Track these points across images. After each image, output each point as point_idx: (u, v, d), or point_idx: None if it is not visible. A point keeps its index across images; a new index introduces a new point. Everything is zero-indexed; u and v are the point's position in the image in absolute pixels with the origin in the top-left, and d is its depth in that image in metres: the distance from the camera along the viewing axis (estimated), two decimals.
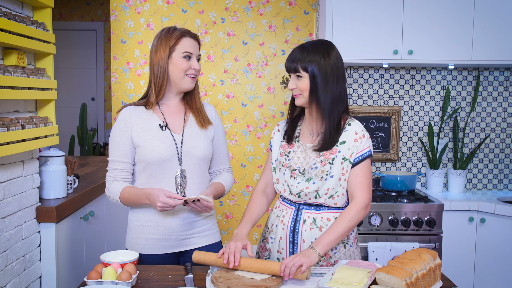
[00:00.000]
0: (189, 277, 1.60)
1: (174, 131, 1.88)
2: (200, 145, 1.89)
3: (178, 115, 1.92)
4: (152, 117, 1.87)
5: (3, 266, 1.83)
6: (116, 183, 1.86)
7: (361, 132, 1.79)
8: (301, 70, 1.74)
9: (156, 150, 1.82)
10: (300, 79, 1.75)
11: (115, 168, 1.86)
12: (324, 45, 1.78)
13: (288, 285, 1.56)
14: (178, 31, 1.85)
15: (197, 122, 1.92)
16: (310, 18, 4.00)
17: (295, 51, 1.78)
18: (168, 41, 1.83)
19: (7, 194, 1.87)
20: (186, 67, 1.84)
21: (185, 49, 1.84)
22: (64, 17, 6.20)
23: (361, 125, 1.82)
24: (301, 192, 1.79)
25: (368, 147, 1.79)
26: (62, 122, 5.41)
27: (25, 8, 2.00)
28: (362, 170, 1.77)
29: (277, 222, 1.87)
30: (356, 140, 1.77)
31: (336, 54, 1.78)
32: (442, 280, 1.60)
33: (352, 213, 1.73)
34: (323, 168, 1.76)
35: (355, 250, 1.85)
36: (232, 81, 4.04)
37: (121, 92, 4.01)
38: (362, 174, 1.77)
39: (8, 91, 1.76)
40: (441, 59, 3.01)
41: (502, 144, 3.34)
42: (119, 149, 1.85)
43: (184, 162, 1.86)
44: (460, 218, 2.90)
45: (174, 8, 3.95)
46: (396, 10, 2.98)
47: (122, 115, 1.87)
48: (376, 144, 3.34)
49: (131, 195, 1.81)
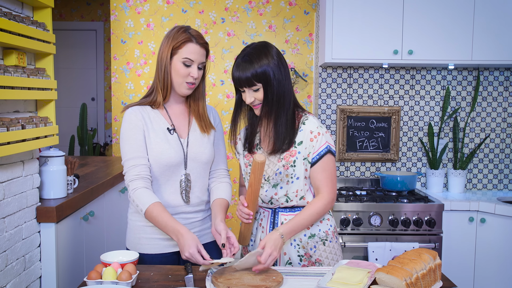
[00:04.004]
0: (189, 277, 1.60)
1: (181, 135, 1.86)
2: (204, 150, 1.88)
3: (182, 119, 1.89)
4: (160, 118, 1.84)
5: (3, 266, 1.83)
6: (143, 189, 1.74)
7: (316, 130, 1.77)
8: (255, 82, 1.71)
9: (166, 154, 1.79)
10: (257, 91, 1.73)
11: (137, 165, 1.76)
12: (263, 47, 1.76)
13: (288, 285, 1.56)
14: (185, 35, 1.78)
15: (199, 127, 1.89)
16: (310, 18, 4.00)
17: (240, 63, 1.73)
18: (173, 42, 1.78)
19: (7, 194, 1.87)
20: (184, 73, 1.79)
21: (187, 55, 1.78)
22: (64, 17, 6.20)
23: (316, 122, 1.80)
24: (271, 199, 1.82)
25: (324, 144, 1.77)
26: (62, 122, 5.41)
27: (25, 8, 2.00)
28: (322, 166, 1.77)
29: (256, 225, 1.91)
30: (311, 139, 1.77)
31: (276, 51, 1.76)
32: (442, 280, 1.60)
33: (320, 206, 1.76)
34: (286, 172, 1.78)
35: (335, 244, 1.86)
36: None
37: (121, 92, 4.01)
38: (323, 170, 1.77)
39: (8, 91, 1.76)
40: (441, 59, 3.01)
41: (502, 144, 3.34)
42: (137, 145, 1.77)
43: (190, 167, 1.85)
44: (460, 218, 2.90)
45: (174, 8, 3.95)
46: (396, 10, 2.98)
47: (131, 114, 1.80)
48: (376, 144, 3.34)
49: (160, 220, 1.71)
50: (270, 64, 1.71)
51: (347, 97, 3.36)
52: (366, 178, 3.37)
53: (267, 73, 1.70)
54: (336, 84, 3.36)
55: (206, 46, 1.83)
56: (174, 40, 1.78)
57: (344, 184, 3.36)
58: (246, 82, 1.72)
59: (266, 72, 1.70)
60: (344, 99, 3.36)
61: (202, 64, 1.84)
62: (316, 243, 1.81)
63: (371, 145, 3.34)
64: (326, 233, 1.83)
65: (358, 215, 2.82)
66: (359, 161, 3.36)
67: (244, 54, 1.74)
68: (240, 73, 1.73)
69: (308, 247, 1.82)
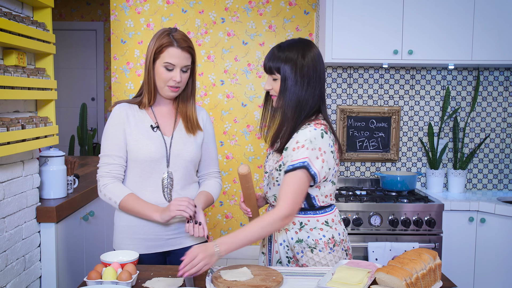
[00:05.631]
0: (189, 277, 1.60)
1: (165, 133, 1.87)
2: (188, 148, 1.88)
3: (169, 118, 1.91)
4: (145, 117, 1.87)
5: (3, 266, 1.83)
6: (115, 183, 1.81)
7: (302, 142, 1.65)
8: (275, 72, 1.70)
9: (145, 150, 1.81)
10: (275, 81, 1.72)
11: (110, 163, 1.82)
12: (301, 44, 1.72)
13: (288, 285, 1.56)
14: (167, 38, 1.77)
15: (185, 128, 1.90)
16: (310, 18, 4.00)
17: (272, 51, 1.73)
18: (156, 46, 1.78)
19: (7, 194, 1.87)
20: (166, 77, 1.79)
21: (168, 60, 1.77)
22: (64, 17, 6.20)
23: (308, 134, 1.66)
24: (266, 194, 1.84)
25: (303, 158, 1.64)
26: (62, 122, 5.41)
27: (25, 8, 2.00)
28: (291, 179, 1.65)
29: None
30: (294, 149, 1.67)
31: (313, 55, 1.70)
32: (442, 280, 1.60)
33: (268, 220, 1.63)
34: (273, 175, 1.77)
35: (327, 255, 1.77)
36: (232, 81, 4.04)
37: (121, 92, 4.01)
38: (288, 183, 1.65)
39: (8, 91, 1.76)
40: (441, 59, 3.01)
41: (502, 144, 3.34)
42: (113, 143, 1.81)
43: (172, 164, 1.85)
44: (460, 218, 2.90)
45: (174, 8, 3.95)
46: (396, 10, 2.98)
47: (117, 111, 1.84)
48: (376, 144, 3.34)
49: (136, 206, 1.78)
50: (296, 62, 1.68)
51: (347, 97, 3.36)
52: (366, 178, 3.37)
53: (286, 67, 1.68)
54: (336, 84, 3.36)
55: (189, 50, 1.81)
56: (157, 43, 1.78)
57: (344, 184, 3.36)
58: (268, 68, 1.72)
59: (288, 68, 1.67)
60: (344, 99, 3.36)
61: (187, 67, 1.82)
62: (304, 248, 1.76)
63: (371, 145, 3.34)
64: (316, 241, 1.76)
65: (358, 215, 2.82)
66: (359, 161, 3.36)
67: (281, 44, 1.74)
68: (267, 58, 1.74)
69: (295, 251, 1.78)
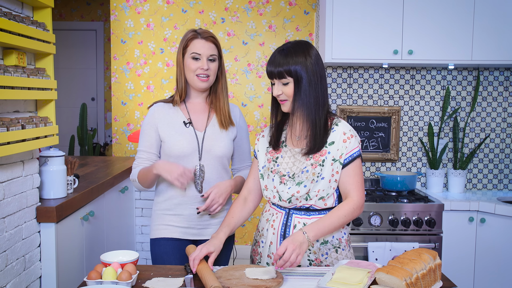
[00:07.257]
0: (189, 277, 1.60)
1: (197, 128, 1.99)
2: (220, 143, 1.98)
3: (202, 114, 2.02)
4: (177, 114, 2.00)
5: (3, 266, 1.83)
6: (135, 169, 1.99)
7: (349, 132, 1.76)
8: (286, 76, 1.70)
9: (178, 145, 1.94)
10: (286, 85, 1.72)
11: (140, 157, 2.01)
12: (303, 45, 1.75)
13: (288, 285, 1.56)
14: (192, 34, 1.95)
15: (218, 122, 2.01)
16: (310, 18, 4.00)
17: (276, 56, 1.73)
18: (182, 43, 1.96)
19: (7, 194, 1.87)
20: (194, 67, 1.93)
21: (194, 50, 1.93)
22: (64, 17, 6.20)
23: (348, 125, 1.80)
24: (292, 196, 1.76)
25: (357, 147, 1.76)
26: (62, 122, 5.41)
27: (25, 8, 2.00)
28: (354, 170, 1.75)
29: (268, 226, 1.85)
30: (344, 140, 1.75)
31: (316, 52, 1.75)
32: (442, 280, 1.60)
33: (349, 210, 1.72)
34: (313, 171, 1.74)
35: (348, 253, 1.82)
36: (232, 81, 4.04)
37: (121, 92, 4.01)
38: (355, 174, 1.75)
39: (8, 91, 1.76)
40: (441, 59, 3.01)
41: (502, 144, 3.34)
42: (145, 140, 2.00)
43: (204, 158, 1.97)
44: (460, 218, 2.90)
45: (174, 8, 3.95)
46: (396, 10, 2.98)
47: (151, 111, 2.02)
48: (376, 144, 3.34)
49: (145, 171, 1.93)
50: (304, 62, 1.70)
51: (347, 97, 3.36)
52: (366, 178, 3.37)
53: (298, 68, 1.69)
54: (336, 84, 3.36)
55: (212, 40, 1.96)
56: (182, 41, 1.97)
57: None
58: (277, 74, 1.71)
59: (298, 67, 1.69)
60: (344, 99, 3.36)
61: (213, 56, 1.95)
62: (329, 250, 1.77)
63: (371, 145, 3.34)
64: (339, 240, 1.79)
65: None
66: None
67: (283, 48, 1.74)
68: (272, 63, 1.72)
69: (319, 253, 1.77)
